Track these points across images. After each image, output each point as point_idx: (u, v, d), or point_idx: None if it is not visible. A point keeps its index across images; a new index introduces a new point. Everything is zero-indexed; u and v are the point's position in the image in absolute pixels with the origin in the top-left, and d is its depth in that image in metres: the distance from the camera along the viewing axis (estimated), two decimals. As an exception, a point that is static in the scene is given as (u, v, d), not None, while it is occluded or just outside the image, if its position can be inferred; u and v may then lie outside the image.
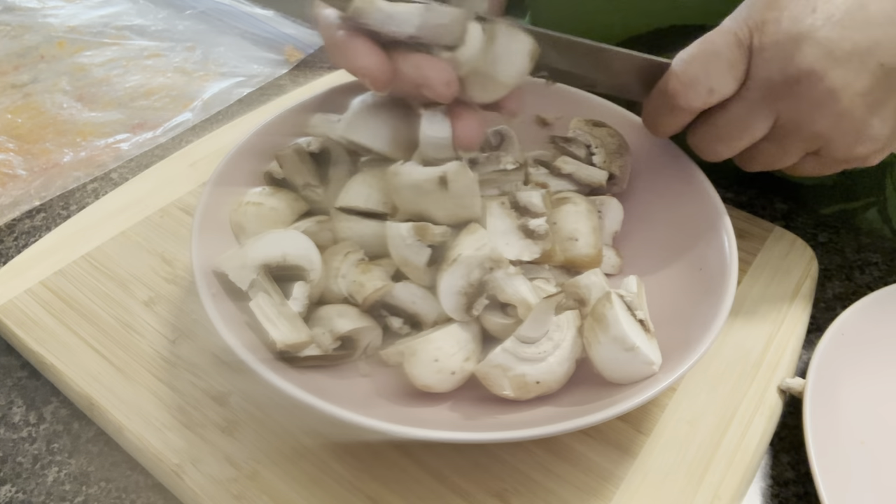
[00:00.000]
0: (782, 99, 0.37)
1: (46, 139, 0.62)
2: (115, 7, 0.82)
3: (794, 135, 0.38)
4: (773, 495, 0.39)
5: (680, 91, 0.38)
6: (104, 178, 0.58)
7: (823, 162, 0.41)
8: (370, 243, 0.41)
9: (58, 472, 0.38)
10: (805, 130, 0.38)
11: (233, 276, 0.38)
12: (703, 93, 0.38)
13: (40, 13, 0.80)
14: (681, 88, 0.38)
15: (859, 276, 0.51)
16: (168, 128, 0.63)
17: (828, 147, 0.39)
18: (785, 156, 0.40)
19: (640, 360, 0.34)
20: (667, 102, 0.40)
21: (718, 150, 0.40)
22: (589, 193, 0.46)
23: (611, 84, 0.43)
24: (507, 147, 0.48)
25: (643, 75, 0.41)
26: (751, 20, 0.38)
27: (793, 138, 0.39)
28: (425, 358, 0.36)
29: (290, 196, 0.43)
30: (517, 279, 0.37)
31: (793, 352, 0.43)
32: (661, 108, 0.41)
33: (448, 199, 0.38)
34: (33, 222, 0.54)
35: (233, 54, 0.74)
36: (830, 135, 0.38)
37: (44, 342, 0.42)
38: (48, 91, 0.68)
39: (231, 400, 0.39)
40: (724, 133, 0.39)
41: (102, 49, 0.75)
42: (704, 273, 0.40)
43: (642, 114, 0.43)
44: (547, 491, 0.36)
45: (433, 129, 0.38)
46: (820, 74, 0.36)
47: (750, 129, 0.39)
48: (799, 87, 0.36)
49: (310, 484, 0.36)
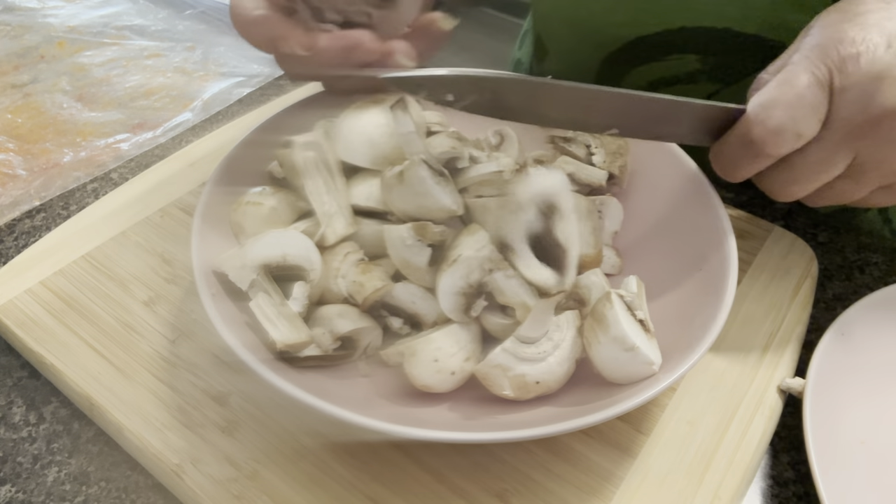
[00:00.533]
0: (863, 139, 0.36)
1: (46, 139, 0.62)
2: (115, 7, 0.82)
3: (873, 171, 0.38)
4: (773, 495, 0.39)
5: (768, 139, 0.37)
6: (104, 178, 0.58)
7: (893, 193, 0.40)
8: (370, 243, 0.41)
9: (58, 472, 0.38)
10: (885, 167, 0.37)
11: (233, 276, 0.38)
12: (791, 139, 0.37)
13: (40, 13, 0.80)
14: (768, 136, 0.37)
15: (859, 276, 0.51)
16: (168, 128, 0.64)
17: None
18: (858, 192, 0.39)
19: (640, 360, 0.34)
20: (751, 150, 0.38)
21: (793, 192, 0.39)
22: (589, 193, 0.46)
23: (678, 134, 0.41)
24: (506, 147, 0.48)
25: (713, 123, 0.40)
26: (828, 59, 0.36)
27: (870, 175, 0.38)
28: (425, 358, 0.36)
29: (290, 196, 0.43)
30: (516, 281, 0.37)
31: (793, 352, 0.43)
32: (743, 156, 0.39)
33: (406, 191, 0.39)
34: (33, 222, 0.54)
35: (233, 54, 0.74)
36: None
37: (44, 342, 0.42)
38: (48, 91, 0.68)
39: (231, 400, 0.39)
40: (800, 175, 0.38)
41: (102, 49, 0.75)
42: (704, 273, 0.40)
43: (713, 159, 0.41)
44: (547, 491, 0.36)
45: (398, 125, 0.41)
46: None
47: (828, 171, 0.38)
48: (881, 126, 0.36)
49: (310, 484, 0.36)
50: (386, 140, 0.42)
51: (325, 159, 0.41)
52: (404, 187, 0.39)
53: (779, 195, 0.40)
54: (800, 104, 0.36)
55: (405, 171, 0.39)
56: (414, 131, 0.41)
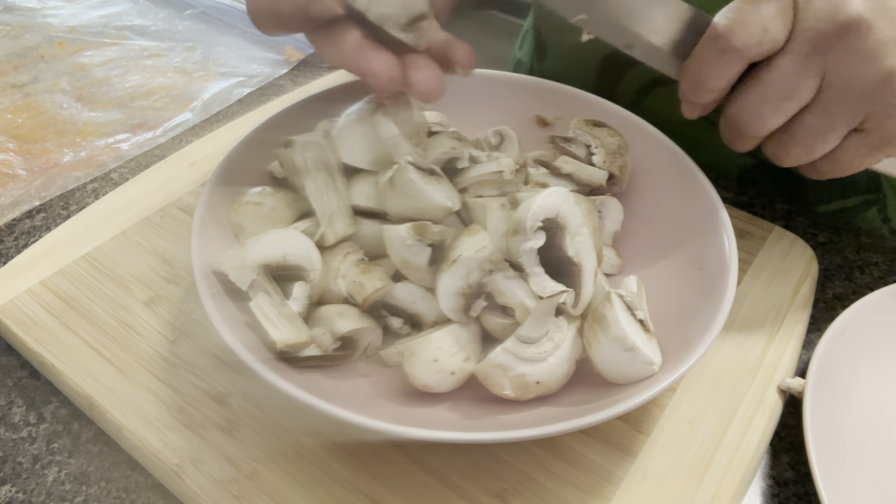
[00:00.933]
0: (831, 50, 0.36)
1: (46, 139, 0.62)
2: (115, 7, 0.82)
3: (842, 98, 0.37)
4: (773, 495, 0.39)
5: (735, 29, 0.36)
6: (104, 178, 0.58)
7: (867, 142, 0.38)
8: (370, 243, 0.41)
9: (58, 472, 0.38)
10: (853, 90, 0.36)
11: (233, 276, 0.38)
12: (758, 31, 0.36)
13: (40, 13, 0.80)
14: (735, 26, 0.37)
15: (859, 276, 0.51)
16: (168, 128, 0.64)
17: (875, 119, 0.37)
18: (830, 131, 0.38)
19: (640, 360, 0.34)
20: (717, 47, 0.37)
21: (763, 115, 0.38)
22: (589, 193, 0.46)
23: (649, 44, 0.40)
24: (506, 147, 0.48)
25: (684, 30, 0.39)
26: None
27: (839, 103, 0.37)
28: (425, 358, 0.36)
29: (290, 196, 0.43)
30: (515, 282, 0.37)
31: (793, 352, 0.43)
32: (710, 59, 0.38)
33: (399, 195, 0.39)
34: (33, 222, 0.54)
35: (233, 54, 0.74)
36: (878, 98, 0.36)
37: (44, 342, 0.42)
38: (48, 91, 0.68)
39: (231, 400, 0.39)
40: (770, 91, 0.37)
41: (102, 49, 0.75)
42: (704, 273, 0.40)
43: (683, 76, 0.40)
44: (547, 491, 0.36)
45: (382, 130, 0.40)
46: (870, 23, 0.35)
47: (798, 86, 0.37)
48: (848, 35, 0.35)
49: (310, 484, 0.36)
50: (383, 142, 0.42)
51: (326, 159, 0.41)
52: (397, 192, 0.39)
53: (749, 122, 0.39)
54: (764, 3, 0.36)
55: (394, 176, 0.39)
56: (398, 134, 0.41)
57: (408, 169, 0.39)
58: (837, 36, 0.36)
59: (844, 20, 0.35)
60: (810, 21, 0.36)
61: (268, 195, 0.43)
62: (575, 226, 0.38)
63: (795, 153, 0.39)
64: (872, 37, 0.35)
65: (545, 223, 0.37)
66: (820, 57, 0.36)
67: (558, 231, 0.38)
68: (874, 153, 0.39)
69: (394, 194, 0.39)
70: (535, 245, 0.37)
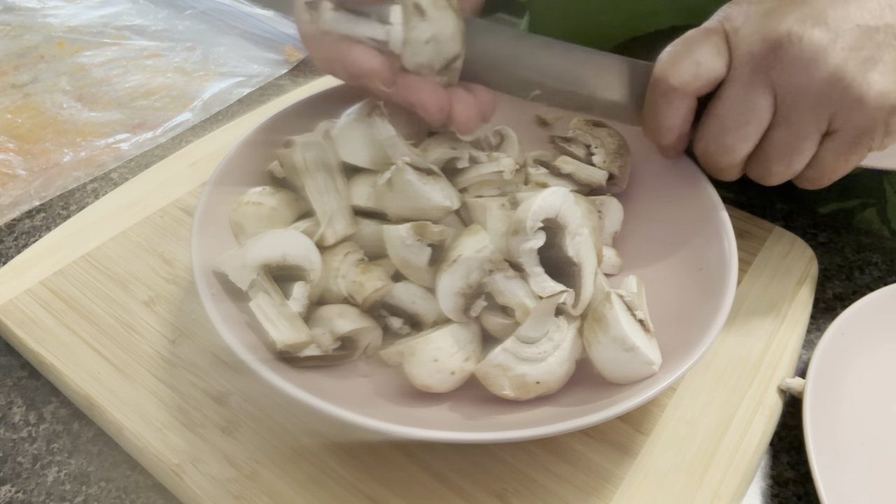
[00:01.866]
0: (771, 68, 0.37)
1: (46, 139, 0.62)
2: (115, 7, 0.82)
3: (799, 107, 0.37)
4: (773, 495, 0.39)
5: (668, 70, 0.39)
6: (104, 178, 0.58)
7: (842, 141, 0.38)
8: (370, 243, 0.41)
9: (58, 472, 0.38)
10: (806, 99, 0.37)
11: (233, 276, 0.38)
12: (691, 66, 0.38)
13: (40, 13, 0.80)
14: (668, 68, 0.39)
15: (859, 276, 0.51)
16: (168, 128, 0.64)
17: (840, 117, 0.37)
18: (802, 140, 0.38)
19: (640, 360, 0.34)
20: (659, 90, 0.39)
21: (729, 145, 0.39)
22: (589, 193, 0.46)
23: (604, 101, 0.42)
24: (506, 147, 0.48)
25: (635, 83, 0.41)
26: (718, 14, 0.40)
27: (798, 112, 0.37)
28: (425, 358, 0.36)
29: (290, 196, 0.43)
30: (515, 282, 0.37)
31: (793, 352, 0.43)
32: (656, 101, 0.40)
33: (398, 197, 0.39)
34: (33, 222, 0.54)
35: (233, 54, 0.74)
36: (834, 97, 0.37)
37: (44, 342, 0.42)
38: (48, 91, 0.68)
39: (231, 400, 0.39)
40: (728, 121, 0.38)
41: (102, 49, 0.75)
42: (704, 273, 0.40)
43: (642, 124, 0.42)
44: (547, 491, 0.36)
45: (378, 132, 0.41)
46: (799, 34, 0.36)
47: (753, 109, 0.38)
48: (781, 51, 0.36)
49: (310, 484, 0.36)
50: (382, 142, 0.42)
51: (325, 159, 0.41)
52: (395, 193, 0.39)
53: (717, 154, 0.40)
54: (695, 41, 0.39)
55: (392, 177, 0.39)
56: (395, 135, 0.41)
57: (405, 170, 0.39)
58: (773, 52, 0.37)
59: (775, 37, 0.37)
60: (743, 46, 0.38)
61: (268, 195, 0.42)
62: (575, 226, 0.38)
63: (777, 170, 0.40)
64: (806, 44, 0.36)
65: (545, 223, 0.37)
66: (763, 76, 0.37)
67: (558, 231, 0.38)
68: (854, 150, 0.39)
69: (392, 195, 0.39)
70: (535, 245, 0.37)
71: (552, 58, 0.42)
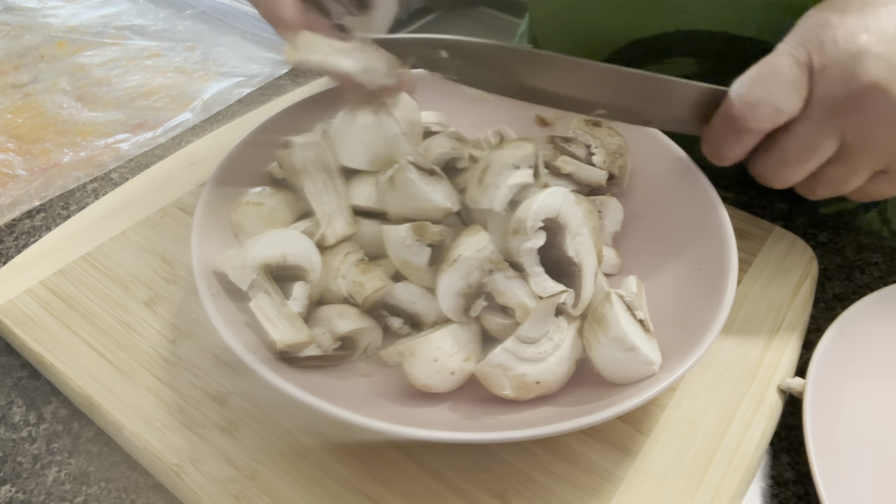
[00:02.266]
0: (848, 115, 0.36)
1: (46, 139, 0.62)
2: (115, 7, 0.82)
3: (863, 152, 0.38)
4: (773, 495, 0.39)
5: (746, 113, 0.37)
6: (104, 178, 0.58)
7: (892, 181, 0.39)
8: (370, 243, 0.41)
9: (58, 472, 0.38)
10: (874, 146, 0.37)
11: (233, 276, 0.38)
12: (771, 112, 0.37)
13: (40, 13, 0.80)
14: (747, 110, 0.37)
15: (859, 276, 0.51)
16: (168, 128, 0.64)
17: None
18: (853, 177, 0.39)
19: (640, 360, 0.34)
20: (732, 126, 0.38)
21: (784, 175, 0.39)
22: (589, 193, 0.46)
23: (667, 118, 0.42)
24: (507, 147, 0.48)
25: (701, 106, 0.40)
26: (806, 41, 0.37)
27: (861, 156, 0.38)
28: (425, 358, 0.36)
29: (290, 196, 0.43)
30: (515, 282, 0.37)
31: (793, 352, 0.43)
32: (726, 134, 0.39)
33: (399, 195, 0.39)
34: (33, 222, 0.54)
35: (233, 54, 0.74)
36: None
37: (44, 342, 0.42)
38: (48, 91, 0.68)
39: (231, 400, 0.39)
40: (790, 156, 0.38)
41: (102, 49, 0.75)
42: (704, 273, 0.40)
43: (703, 143, 0.41)
44: (547, 491, 0.36)
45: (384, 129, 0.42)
46: (884, 87, 0.35)
47: (817, 150, 0.38)
48: (863, 101, 0.36)
49: (310, 484, 0.36)
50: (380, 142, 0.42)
51: (325, 159, 0.41)
52: (396, 192, 0.39)
53: (771, 180, 0.40)
54: (777, 79, 0.37)
55: (394, 175, 0.39)
56: (399, 133, 0.41)
57: (408, 168, 0.39)
58: (854, 101, 0.36)
59: (858, 88, 0.36)
60: (824, 89, 0.37)
61: (268, 195, 0.43)
62: (575, 226, 0.38)
63: (822, 192, 0.40)
64: (888, 98, 0.36)
65: (545, 223, 0.37)
66: (837, 120, 0.37)
67: (558, 231, 0.38)
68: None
69: (393, 194, 0.39)
70: (535, 245, 0.37)
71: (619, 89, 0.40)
